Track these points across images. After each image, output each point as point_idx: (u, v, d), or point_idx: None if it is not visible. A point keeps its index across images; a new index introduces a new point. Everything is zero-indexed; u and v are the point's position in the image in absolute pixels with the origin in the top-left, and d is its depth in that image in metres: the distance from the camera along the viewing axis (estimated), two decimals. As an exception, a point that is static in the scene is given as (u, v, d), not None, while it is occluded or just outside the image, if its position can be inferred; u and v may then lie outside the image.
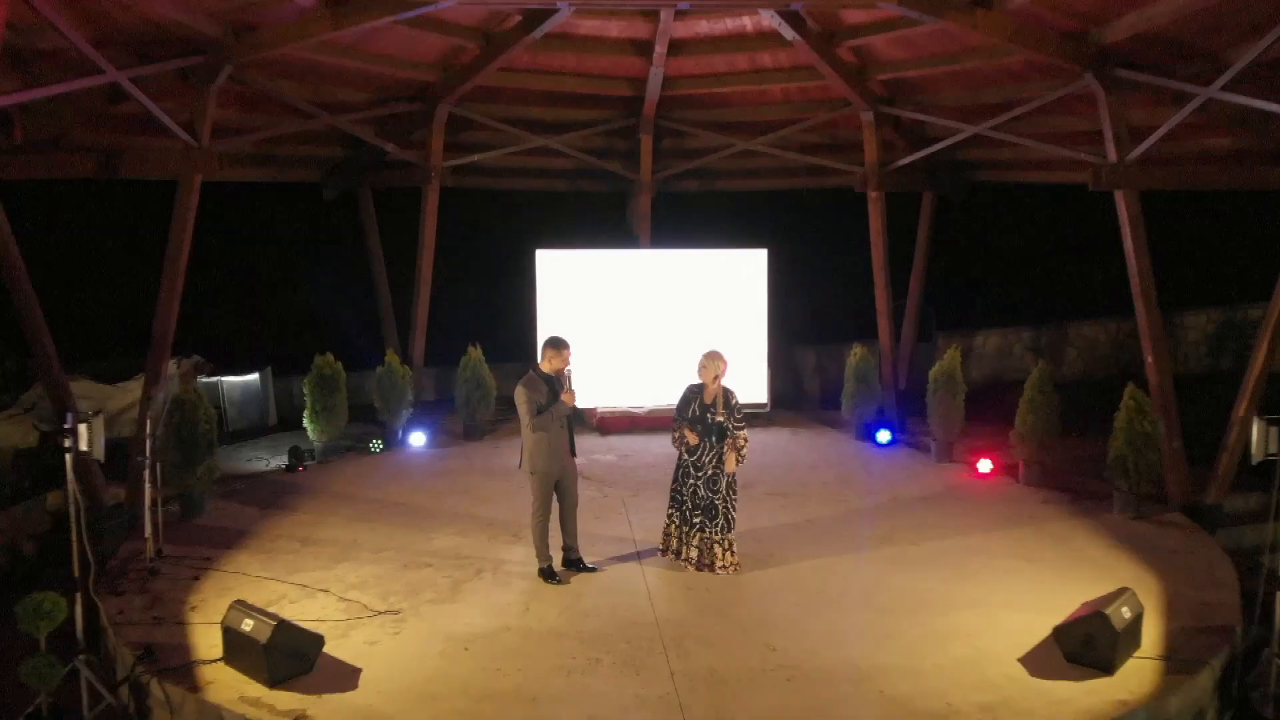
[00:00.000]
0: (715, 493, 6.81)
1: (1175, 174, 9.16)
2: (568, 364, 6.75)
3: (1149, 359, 8.52)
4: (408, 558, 7.27)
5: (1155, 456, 8.12)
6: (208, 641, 5.77)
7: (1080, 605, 5.87)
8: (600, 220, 14.25)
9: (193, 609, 6.40)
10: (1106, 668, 5.47)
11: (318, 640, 5.55)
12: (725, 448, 6.81)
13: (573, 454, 6.87)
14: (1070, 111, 9.67)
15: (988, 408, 10.70)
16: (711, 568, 6.86)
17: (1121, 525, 8.00)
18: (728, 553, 6.89)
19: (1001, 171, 12.24)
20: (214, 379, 11.37)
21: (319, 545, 7.58)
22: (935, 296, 13.57)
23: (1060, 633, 5.72)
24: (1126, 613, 5.59)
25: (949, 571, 6.96)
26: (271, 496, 8.89)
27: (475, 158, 11.54)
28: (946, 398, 10.01)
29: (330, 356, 10.24)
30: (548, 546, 6.85)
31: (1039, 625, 5.93)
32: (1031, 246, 16.43)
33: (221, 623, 5.58)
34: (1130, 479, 8.15)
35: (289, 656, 5.35)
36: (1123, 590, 5.80)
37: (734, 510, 6.92)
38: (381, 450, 10.54)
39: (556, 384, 6.72)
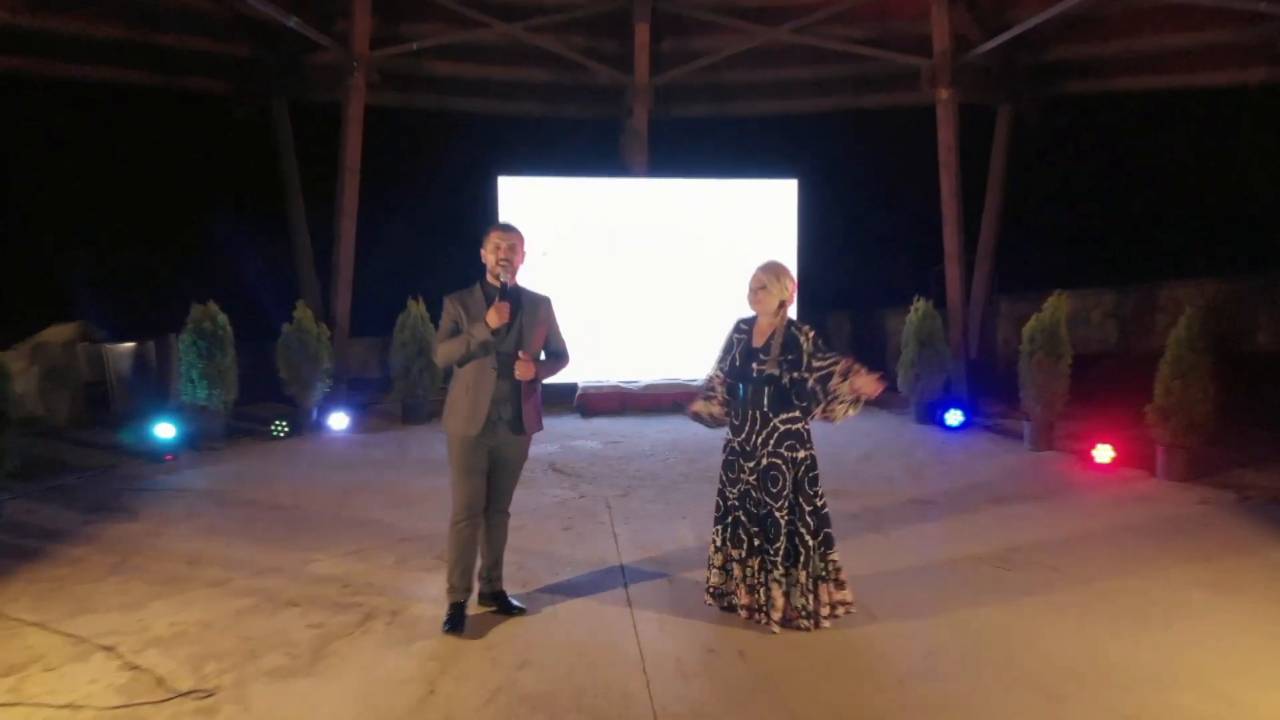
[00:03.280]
0: (775, 496, 4.07)
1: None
2: (504, 256, 4.06)
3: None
4: (265, 592, 4.66)
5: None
6: None
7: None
8: (588, 154, 11.55)
9: (-116, 680, 3.79)
10: None
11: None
12: (829, 404, 4.03)
13: (516, 429, 4.12)
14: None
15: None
16: (767, 619, 4.08)
17: (1332, 536, 5.50)
18: (808, 593, 4.05)
19: (1098, 79, 9.50)
20: (97, 345, 9.52)
21: (138, 569, 5.03)
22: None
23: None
24: None
25: (1124, 619, 4.35)
26: (109, 495, 6.48)
27: (414, 45, 8.82)
28: (1048, 363, 7.48)
29: (213, 306, 7.68)
30: (470, 570, 4.21)
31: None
32: (1115, 186, 13.55)
33: None
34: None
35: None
36: None
37: (810, 522, 4.04)
38: (286, 435, 7.99)
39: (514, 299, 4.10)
